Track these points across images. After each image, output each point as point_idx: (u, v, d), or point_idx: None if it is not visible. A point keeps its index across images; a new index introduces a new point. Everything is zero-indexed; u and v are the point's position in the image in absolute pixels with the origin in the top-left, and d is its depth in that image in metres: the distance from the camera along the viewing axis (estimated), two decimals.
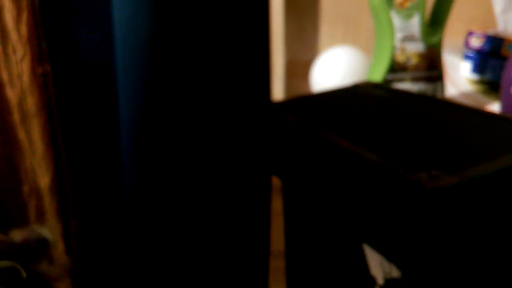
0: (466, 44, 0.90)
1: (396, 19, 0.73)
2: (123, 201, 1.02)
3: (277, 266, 0.57)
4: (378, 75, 0.75)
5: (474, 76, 0.87)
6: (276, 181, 0.80)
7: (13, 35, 0.96)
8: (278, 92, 0.98)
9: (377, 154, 0.40)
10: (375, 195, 0.40)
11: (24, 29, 0.96)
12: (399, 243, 0.38)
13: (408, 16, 0.73)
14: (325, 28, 0.98)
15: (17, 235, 0.74)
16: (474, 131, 0.46)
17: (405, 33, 0.74)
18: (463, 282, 0.37)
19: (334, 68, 0.86)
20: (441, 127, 0.48)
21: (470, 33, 0.89)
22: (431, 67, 0.75)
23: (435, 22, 0.75)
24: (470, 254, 0.38)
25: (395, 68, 0.75)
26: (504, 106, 0.63)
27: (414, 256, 0.36)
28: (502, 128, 0.46)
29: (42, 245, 0.84)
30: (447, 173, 0.35)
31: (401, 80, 0.75)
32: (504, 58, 0.81)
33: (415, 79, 0.75)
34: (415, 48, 0.74)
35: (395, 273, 0.38)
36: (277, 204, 0.59)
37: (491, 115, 0.50)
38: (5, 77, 0.87)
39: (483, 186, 0.36)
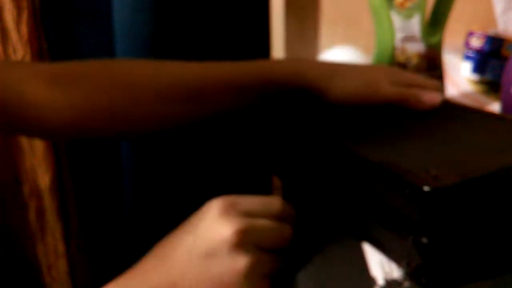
0: (466, 44, 0.89)
1: (396, 19, 0.73)
2: (123, 201, 1.02)
3: None
4: None
5: (474, 76, 0.87)
6: (276, 181, 0.80)
7: (13, 35, 0.96)
8: None
9: (376, 154, 0.40)
10: (375, 195, 0.40)
11: (24, 29, 0.96)
12: (398, 243, 0.38)
13: (409, 16, 0.73)
14: (325, 28, 0.98)
15: None
16: (474, 131, 0.46)
17: (405, 33, 0.74)
18: (463, 281, 0.37)
19: None
20: (441, 127, 0.48)
21: (470, 33, 0.89)
22: (432, 67, 0.75)
23: (436, 22, 0.75)
24: (470, 254, 0.38)
25: None
26: (504, 106, 0.63)
27: (414, 256, 0.36)
28: (502, 128, 0.46)
29: None
30: (447, 173, 0.35)
31: None
32: (505, 58, 0.81)
33: None
34: (415, 49, 0.74)
35: (395, 273, 0.38)
36: None
37: (491, 115, 0.50)
38: None
39: (483, 186, 0.36)
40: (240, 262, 0.36)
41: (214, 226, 0.37)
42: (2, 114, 0.50)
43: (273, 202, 0.41)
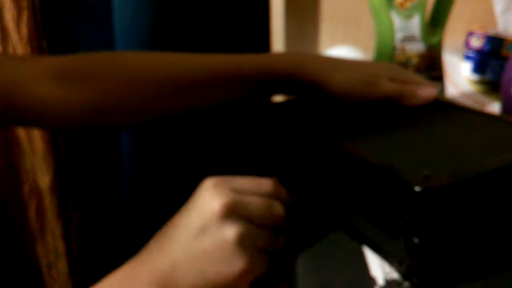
0: (467, 44, 0.89)
1: (396, 19, 0.73)
2: (123, 200, 1.02)
3: None
4: None
5: (475, 76, 0.87)
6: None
7: (13, 35, 0.97)
8: None
9: (370, 154, 0.40)
10: (367, 195, 0.40)
11: (24, 29, 0.96)
12: (391, 243, 0.38)
13: (408, 16, 0.73)
14: (325, 28, 0.98)
15: None
16: (467, 132, 0.46)
17: (405, 34, 0.74)
18: (455, 281, 0.37)
19: None
20: (435, 127, 0.48)
21: (470, 33, 0.89)
22: (432, 67, 0.75)
23: (436, 22, 0.75)
24: (462, 254, 0.38)
25: None
26: (504, 107, 0.63)
27: (406, 256, 0.36)
28: (495, 128, 0.46)
29: None
30: (438, 173, 0.35)
31: None
32: (505, 58, 0.81)
33: None
34: (415, 49, 0.74)
35: (395, 273, 0.38)
36: None
37: (485, 115, 0.50)
38: None
39: (474, 187, 0.36)
40: (228, 232, 0.38)
41: (204, 202, 0.39)
42: (10, 108, 0.51)
43: (264, 182, 0.42)
